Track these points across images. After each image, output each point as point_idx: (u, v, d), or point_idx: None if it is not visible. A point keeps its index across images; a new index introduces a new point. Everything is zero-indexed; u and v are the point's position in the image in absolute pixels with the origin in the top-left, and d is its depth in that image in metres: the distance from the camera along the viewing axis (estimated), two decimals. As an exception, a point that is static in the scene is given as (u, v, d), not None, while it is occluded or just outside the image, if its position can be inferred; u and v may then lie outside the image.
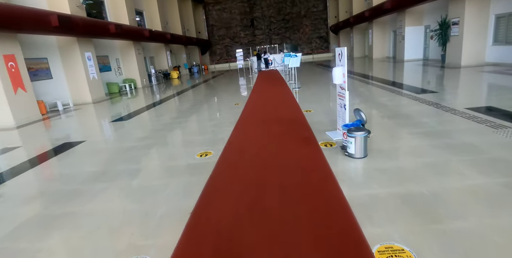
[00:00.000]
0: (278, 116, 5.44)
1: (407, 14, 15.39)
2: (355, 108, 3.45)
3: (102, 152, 4.52)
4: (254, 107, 6.67)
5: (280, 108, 6.19)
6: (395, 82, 9.14)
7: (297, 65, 8.39)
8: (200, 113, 6.95)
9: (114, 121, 7.10)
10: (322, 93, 8.06)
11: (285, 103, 6.65)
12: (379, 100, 6.35)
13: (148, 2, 20.45)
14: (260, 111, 6.16)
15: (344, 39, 28.88)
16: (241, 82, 14.69)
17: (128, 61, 16.98)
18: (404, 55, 15.99)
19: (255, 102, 7.19)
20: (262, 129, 4.55)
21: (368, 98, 6.66)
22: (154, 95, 13.29)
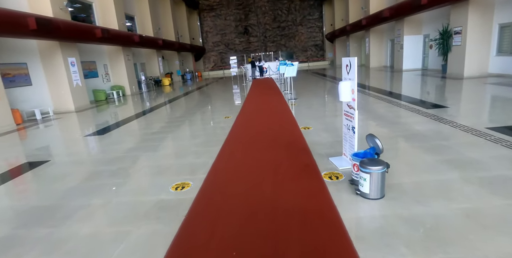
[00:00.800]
0: (272, 135, 4.75)
1: (405, 23, 14.99)
2: (369, 134, 2.77)
3: (61, 178, 3.77)
4: (245, 122, 5.99)
5: (275, 125, 5.51)
6: (397, 93, 8.56)
7: (293, 75, 7.78)
8: (185, 128, 6.23)
9: (89, 136, 6.35)
10: (321, 106, 7.44)
11: (280, 119, 5.97)
12: (385, 116, 5.70)
13: (140, 7, 19.85)
14: (252, 129, 5.47)
15: (340, 48, 28.56)
16: (234, 91, 14.04)
17: (117, 68, 16.26)
18: (402, 64, 15.54)
19: (247, 116, 6.51)
20: (253, 154, 3.84)
21: (372, 113, 6.01)
22: (141, 104, 12.56)
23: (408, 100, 7.28)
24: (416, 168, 3.09)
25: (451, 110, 5.66)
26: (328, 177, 2.96)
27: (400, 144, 4.03)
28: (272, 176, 3.06)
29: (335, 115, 6.02)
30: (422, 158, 3.35)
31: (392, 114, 5.76)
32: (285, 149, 3.93)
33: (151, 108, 10.49)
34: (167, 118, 7.88)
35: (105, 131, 6.77)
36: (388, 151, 3.44)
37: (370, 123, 5.13)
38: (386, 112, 6.04)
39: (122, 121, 8.04)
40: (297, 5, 33.34)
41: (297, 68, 7.76)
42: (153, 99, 14.05)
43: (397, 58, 16.07)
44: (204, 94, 14.02)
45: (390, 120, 5.35)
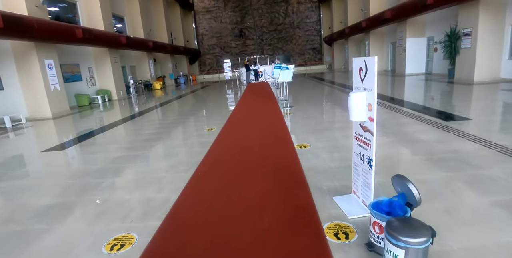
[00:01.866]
0: (260, 156, 3.81)
1: (408, 25, 14.18)
2: (397, 175, 1.83)
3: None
4: (229, 137, 5.05)
5: (265, 141, 4.57)
6: (406, 101, 7.67)
7: (288, 79, 6.87)
8: (160, 144, 5.28)
9: (48, 151, 5.37)
10: (320, 115, 6.52)
11: (272, 133, 5.03)
12: (398, 130, 4.78)
13: (130, 7, 18.96)
14: (236, 146, 4.52)
15: (339, 51, 27.79)
16: (225, 96, 13.11)
17: (103, 71, 15.30)
18: (405, 68, 14.70)
19: (232, 129, 5.57)
20: (230, 186, 2.89)
21: (383, 126, 5.07)
22: (125, 110, 11.61)
23: (420, 109, 6.36)
24: (463, 217, 2.14)
25: (477, 124, 4.75)
26: (333, 233, 2.01)
27: (426, 168, 3.10)
28: (251, 227, 2.11)
29: (337, 129, 5.11)
30: (467, 199, 2.40)
31: (407, 129, 4.83)
32: (275, 178, 2.99)
33: (132, 115, 9.54)
34: (146, 128, 6.94)
35: (69, 144, 5.81)
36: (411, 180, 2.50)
37: (382, 140, 4.19)
38: (397, 125, 5.13)
39: (95, 132, 7.09)
40: (295, 8, 32.65)
41: (293, 72, 6.86)
42: (139, 104, 13.11)
43: (399, 62, 15.24)
44: (194, 99, 13.09)
45: (406, 136, 4.42)
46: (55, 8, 13.62)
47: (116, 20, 18.19)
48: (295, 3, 32.49)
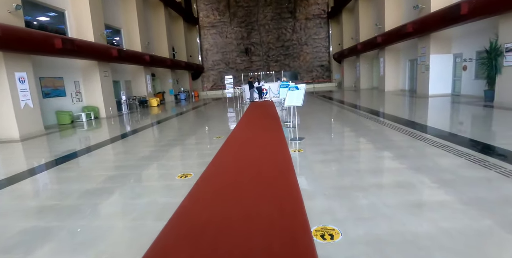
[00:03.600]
0: (247, 248, 2.02)
1: (432, 40, 12.58)
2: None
3: None
4: (210, 192, 3.28)
5: (263, 210, 2.76)
6: (432, 127, 5.89)
7: (298, 103, 5.13)
8: (124, 186, 3.58)
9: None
10: (343, 156, 4.46)
11: (273, 193, 3.18)
12: (423, 163, 2.99)
13: (128, 19, 17.83)
14: (218, 214, 2.74)
15: (349, 68, 26.33)
16: (224, 117, 11.45)
17: (91, 85, 13.86)
18: (428, 89, 12.96)
19: (214, 180, 3.78)
20: None
21: (403, 157, 3.31)
22: (109, 131, 10.08)
23: (449, 137, 4.65)
24: None
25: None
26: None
27: None
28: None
29: (383, 187, 3.29)
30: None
31: (434, 162, 3.04)
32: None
33: (113, 139, 7.87)
34: (121, 158, 5.28)
35: (25, 175, 4.15)
36: None
37: (403, 177, 2.38)
38: (421, 157, 3.34)
39: (60, 159, 5.42)
40: (303, 24, 31.63)
41: (304, 93, 5.12)
42: (127, 124, 11.53)
43: (422, 81, 13.54)
44: (187, 120, 11.45)
45: (433, 173, 2.61)
46: (43, 17, 12.42)
47: (112, 32, 17.01)
48: (303, 19, 31.50)
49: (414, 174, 3.41)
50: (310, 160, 4.17)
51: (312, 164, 4.00)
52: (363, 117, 8.24)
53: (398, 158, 4.13)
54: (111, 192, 3.51)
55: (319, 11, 31.24)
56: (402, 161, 3.93)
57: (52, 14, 12.79)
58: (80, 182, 3.99)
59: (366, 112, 9.32)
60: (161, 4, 22.05)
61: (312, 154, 4.47)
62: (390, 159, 4.14)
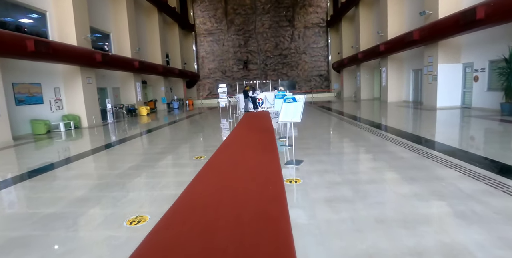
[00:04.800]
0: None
1: (440, 48, 11.71)
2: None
3: None
4: (176, 239, 2.22)
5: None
6: (441, 143, 4.87)
7: (296, 119, 4.06)
8: (83, 215, 2.52)
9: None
10: (353, 190, 3.33)
11: (256, 248, 2.17)
12: (436, 189, 2.01)
13: (118, 23, 16.94)
14: None
15: (348, 78, 25.53)
16: (213, 130, 10.39)
17: (73, 92, 12.83)
18: (436, 100, 12.03)
19: (183, 219, 2.72)
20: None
21: (412, 180, 2.52)
22: (89, 142, 9.02)
23: (463, 156, 3.70)
24: None
25: None
26: None
27: None
28: None
29: (415, 234, 2.25)
30: None
31: (450, 189, 2.04)
32: None
33: (85, 153, 6.77)
34: (88, 179, 4.20)
35: None
36: None
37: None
38: (433, 180, 2.32)
39: (18, 177, 4.32)
40: (301, 32, 31.00)
41: (303, 106, 4.05)
42: (110, 135, 10.50)
43: (428, 92, 12.62)
44: (168, 134, 10.39)
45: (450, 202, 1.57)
46: (23, 19, 11.48)
47: (101, 37, 16.09)
48: (302, 28, 30.89)
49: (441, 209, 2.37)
50: (311, 199, 3.06)
51: (314, 205, 2.88)
52: (369, 132, 7.22)
53: (429, 194, 3.09)
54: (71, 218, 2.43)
55: (318, 19, 30.67)
56: (431, 197, 2.91)
57: (33, 15, 11.86)
58: (38, 205, 2.90)
59: (372, 126, 8.31)
60: (154, 9, 21.28)
61: (314, 188, 3.37)
62: (419, 198, 3.09)
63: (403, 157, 4.69)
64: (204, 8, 31.05)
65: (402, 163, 4.32)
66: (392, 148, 5.35)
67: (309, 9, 30.67)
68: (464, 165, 4.01)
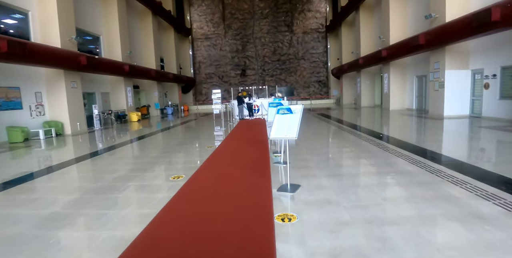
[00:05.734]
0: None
1: (447, 53, 10.99)
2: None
3: None
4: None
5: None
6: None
7: (291, 135, 3.23)
8: None
9: None
10: (364, 229, 2.52)
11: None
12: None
13: (108, 25, 16.20)
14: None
15: (348, 84, 24.84)
16: (201, 140, 9.56)
17: (56, 97, 12.00)
18: (443, 109, 11.25)
19: None
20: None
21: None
22: (66, 152, 8.27)
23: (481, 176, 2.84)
24: None
25: None
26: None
27: None
28: None
29: None
30: None
31: None
32: None
33: (58, 165, 5.93)
34: (58, 194, 3.35)
35: None
36: None
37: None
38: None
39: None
40: (300, 38, 30.38)
41: (300, 118, 3.23)
42: (94, 143, 9.73)
43: (435, 100, 11.85)
44: (153, 144, 9.56)
45: None
46: (7, 19, 10.75)
47: (91, 39, 15.34)
48: (301, 33, 30.28)
49: None
50: (309, 251, 2.22)
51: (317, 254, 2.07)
52: (375, 145, 6.41)
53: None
54: None
55: (317, 25, 30.10)
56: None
57: (15, 15, 11.11)
58: None
59: (377, 138, 7.50)
60: (149, 12, 20.60)
61: (313, 231, 2.46)
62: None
63: (423, 180, 3.86)
64: (202, 12, 30.46)
65: (424, 190, 3.49)
66: (407, 167, 4.53)
67: (308, 14, 30.12)
68: (480, 185, 3.19)
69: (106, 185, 4.33)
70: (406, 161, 4.90)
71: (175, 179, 4.37)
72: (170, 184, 4.18)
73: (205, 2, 30.23)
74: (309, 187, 3.64)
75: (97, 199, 3.73)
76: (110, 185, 4.33)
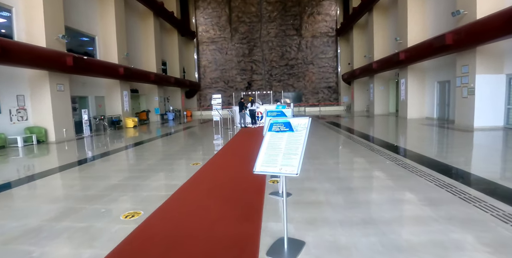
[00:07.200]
0: None
1: (478, 55, 9.58)
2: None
3: None
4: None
5: None
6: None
7: (290, 170, 2.01)
8: None
9: None
10: None
11: None
12: None
13: (104, 26, 15.26)
14: None
15: (359, 91, 23.44)
16: (189, 153, 8.31)
17: (40, 101, 10.96)
18: (473, 119, 9.80)
19: None
20: None
21: None
22: (44, 162, 7.18)
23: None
24: None
25: None
26: None
27: None
28: None
29: None
30: None
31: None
32: None
33: (27, 178, 4.75)
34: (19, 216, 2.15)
35: None
36: None
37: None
38: None
39: None
40: (309, 42, 29.16)
41: (306, 138, 1.97)
42: (81, 152, 8.64)
43: (462, 109, 10.39)
44: (138, 155, 8.34)
45: None
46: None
47: (86, 40, 14.40)
48: (310, 37, 29.07)
49: None
50: None
51: None
52: (404, 167, 5.04)
53: None
54: None
55: (327, 28, 28.87)
56: None
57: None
58: None
59: (403, 156, 6.12)
60: (150, 13, 19.68)
61: None
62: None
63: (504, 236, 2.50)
64: (208, 15, 29.57)
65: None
66: (467, 209, 3.17)
67: (318, 18, 28.93)
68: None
69: (62, 217, 3.07)
70: (461, 198, 3.53)
71: (128, 218, 3.09)
72: (116, 228, 2.89)
73: (211, 5, 29.35)
74: (318, 246, 2.32)
75: (48, 228, 2.47)
76: (43, 223, 3.07)
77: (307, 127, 2.04)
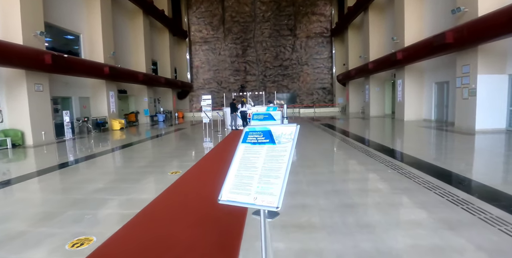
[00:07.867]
0: None
1: (480, 54, 9.12)
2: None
3: None
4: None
5: None
6: None
7: (269, 201, 1.41)
8: None
9: None
10: None
11: None
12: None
13: (90, 23, 14.56)
14: None
15: (355, 92, 23.00)
16: (179, 155, 7.69)
17: (16, 102, 10.24)
18: (474, 121, 9.33)
19: None
20: None
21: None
22: (15, 168, 6.43)
23: None
24: None
25: None
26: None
27: None
28: None
29: None
30: None
31: None
32: None
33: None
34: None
35: None
36: None
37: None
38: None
39: None
40: (303, 42, 28.70)
41: (292, 153, 1.42)
42: (60, 156, 7.97)
43: (463, 110, 9.93)
44: (117, 161, 7.70)
45: None
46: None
47: (70, 38, 13.69)
48: (304, 38, 28.62)
49: None
50: None
51: None
52: (409, 177, 4.50)
53: None
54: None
55: (321, 29, 28.44)
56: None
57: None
58: None
59: (408, 164, 5.59)
60: (140, 11, 19.01)
61: None
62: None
63: None
64: (200, 14, 28.94)
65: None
66: (493, 237, 2.62)
67: (312, 18, 28.49)
68: None
69: None
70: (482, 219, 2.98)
71: (75, 247, 2.47)
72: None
73: (203, 4, 28.74)
74: None
75: None
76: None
77: (293, 139, 1.44)
